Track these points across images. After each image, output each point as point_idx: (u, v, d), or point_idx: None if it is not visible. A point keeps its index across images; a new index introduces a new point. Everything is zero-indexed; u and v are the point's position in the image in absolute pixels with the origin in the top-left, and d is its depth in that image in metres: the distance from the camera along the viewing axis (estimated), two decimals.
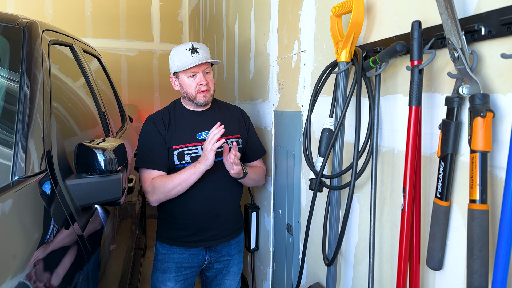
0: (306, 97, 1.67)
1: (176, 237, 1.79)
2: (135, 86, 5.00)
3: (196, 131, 1.78)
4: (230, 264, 1.93)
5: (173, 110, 1.82)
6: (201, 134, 1.78)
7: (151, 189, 1.68)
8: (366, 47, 1.22)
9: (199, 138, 1.77)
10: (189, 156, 1.74)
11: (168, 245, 1.80)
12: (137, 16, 4.93)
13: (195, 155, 1.74)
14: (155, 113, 1.83)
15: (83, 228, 1.22)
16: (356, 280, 1.36)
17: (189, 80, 1.73)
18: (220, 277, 1.93)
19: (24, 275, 0.84)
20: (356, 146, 1.19)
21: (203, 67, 1.73)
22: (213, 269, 1.92)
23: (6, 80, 1.25)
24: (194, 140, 1.76)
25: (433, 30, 0.93)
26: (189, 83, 1.74)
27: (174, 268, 1.79)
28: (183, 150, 1.74)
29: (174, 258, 1.79)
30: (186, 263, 1.80)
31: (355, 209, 1.34)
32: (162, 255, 1.81)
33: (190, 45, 1.73)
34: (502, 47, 0.78)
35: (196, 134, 1.78)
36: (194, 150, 1.75)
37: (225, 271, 1.93)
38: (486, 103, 0.78)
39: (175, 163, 1.73)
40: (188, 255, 1.80)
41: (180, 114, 1.81)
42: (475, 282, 0.77)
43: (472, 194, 0.78)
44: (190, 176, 1.63)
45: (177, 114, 1.81)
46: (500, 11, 0.76)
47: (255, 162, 1.97)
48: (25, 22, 1.44)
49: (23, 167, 1.06)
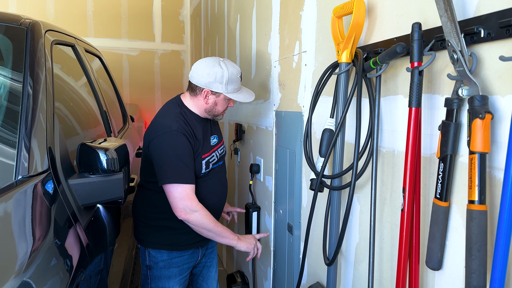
0: (307, 97, 1.68)
1: (179, 243, 1.77)
2: (137, 85, 5.01)
3: (209, 137, 1.83)
4: (212, 255, 2.00)
5: (186, 117, 1.74)
6: (210, 139, 1.84)
7: (197, 210, 1.63)
8: (367, 48, 1.23)
9: (212, 145, 1.84)
10: (211, 164, 1.79)
11: (167, 251, 1.77)
12: (138, 16, 4.94)
13: (214, 161, 1.82)
14: (179, 123, 1.68)
15: (86, 227, 1.23)
16: (357, 280, 1.36)
17: (225, 103, 1.79)
18: (205, 271, 1.99)
19: (27, 274, 0.85)
20: (356, 147, 1.19)
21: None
22: (200, 263, 1.97)
23: (9, 80, 1.26)
24: (211, 146, 1.82)
25: (433, 32, 0.94)
26: (224, 105, 1.80)
27: (178, 272, 1.79)
28: (208, 158, 1.78)
29: (176, 262, 1.78)
30: (186, 263, 1.82)
31: (355, 209, 1.35)
32: (164, 262, 1.77)
33: (239, 71, 1.78)
34: (501, 49, 0.79)
35: (210, 141, 1.84)
36: (213, 157, 1.81)
37: (209, 263, 2.00)
38: (485, 104, 0.79)
39: (202, 171, 1.73)
40: (187, 255, 1.81)
41: (192, 122, 1.75)
42: (474, 282, 0.78)
43: (471, 195, 0.79)
44: (223, 239, 1.72)
45: (190, 122, 1.74)
46: (499, 13, 0.77)
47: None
48: (28, 22, 1.45)
49: (26, 167, 1.07)
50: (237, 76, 1.75)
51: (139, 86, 5.02)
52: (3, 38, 1.39)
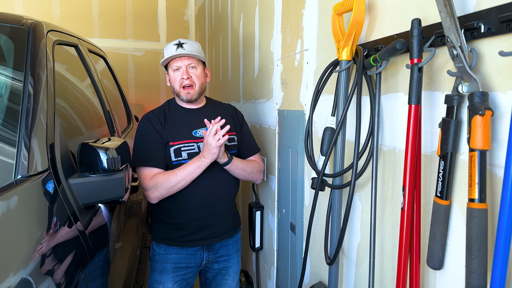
0: (309, 96, 1.67)
1: (174, 237, 1.78)
2: (142, 85, 5.03)
3: (192, 128, 1.80)
4: (229, 264, 1.92)
5: (168, 108, 1.85)
6: (197, 131, 1.80)
7: (152, 186, 1.68)
8: (368, 46, 1.22)
9: (195, 136, 1.79)
10: (186, 153, 1.75)
11: (165, 246, 1.80)
12: (143, 16, 4.96)
13: (192, 151, 1.76)
14: (150, 111, 1.84)
15: (86, 227, 1.23)
16: (358, 279, 1.35)
17: (174, 75, 1.79)
18: (220, 277, 1.93)
19: (26, 273, 0.85)
20: (356, 146, 1.18)
21: (186, 62, 1.77)
22: (212, 269, 1.91)
23: (10, 79, 1.27)
24: (191, 137, 1.78)
25: (433, 28, 0.93)
26: (174, 77, 1.79)
27: (172, 269, 1.79)
28: (180, 146, 1.75)
29: (171, 258, 1.79)
30: (183, 263, 1.80)
31: (357, 208, 1.34)
32: (159, 255, 1.81)
33: (178, 40, 1.78)
34: (501, 44, 0.77)
35: (192, 131, 1.80)
36: (190, 146, 1.77)
37: (224, 271, 1.92)
38: (485, 101, 0.77)
39: (172, 159, 1.74)
40: (185, 254, 1.80)
41: (175, 112, 1.83)
42: (474, 282, 0.77)
43: (471, 193, 0.78)
44: (194, 170, 1.66)
45: (172, 112, 1.83)
46: (499, 8, 0.76)
47: (251, 158, 1.96)
48: (30, 23, 1.46)
49: (26, 166, 1.08)
50: (172, 44, 1.78)
51: (145, 86, 5.04)
52: (5, 38, 1.40)
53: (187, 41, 1.77)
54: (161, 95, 5.13)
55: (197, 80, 1.78)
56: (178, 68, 1.77)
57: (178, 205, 1.75)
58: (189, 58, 1.77)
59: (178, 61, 1.76)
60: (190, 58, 1.77)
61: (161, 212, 1.81)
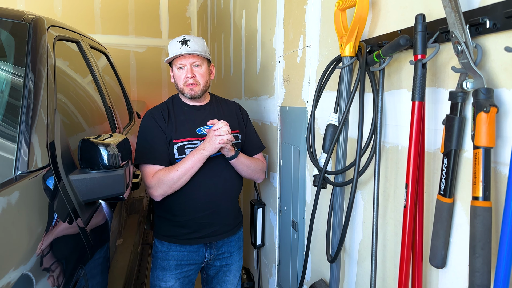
0: (311, 92, 1.65)
1: (176, 235, 1.78)
2: (144, 82, 5.02)
3: (196, 126, 1.79)
4: (230, 261, 1.92)
5: (172, 105, 1.83)
6: (201, 129, 1.78)
7: (155, 183, 1.67)
8: (371, 42, 1.20)
9: (199, 133, 1.78)
10: (189, 150, 1.74)
11: (167, 243, 1.80)
12: (145, 13, 4.94)
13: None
14: (154, 108, 1.82)
15: (87, 223, 1.23)
16: (360, 277, 1.34)
17: (179, 72, 1.77)
18: (221, 274, 1.93)
19: (26, 269, 0.85)
20: (359, 143, 1.17)
21: (191, 60, 1.75)
22: (214, 266, 1.91)
23: (11, 75, 1.26)
24: (194, 134, 1.77)
25: (438, 24, 0.91)
26: (178, 75, 1.78)
27: (174, 266, 1.79)
28: (183, 144, 1.74)
29: (173, 255, 1.79)
30: (186, 260, 1.80)
31: (359, 205, 1.33)
32: (162, 253, 1.80)
33: (183, 37, 1.76)
34: (507, 40, 0.76)
35: (196, 129, 1.78)
36: (194, 144, 1.75)
37: (226, 268, 1.92)
38: (490, 98, 0.76)
39: (175, 157, 1.73)
40: (187, 252, 1.80)
41: (179, 109, 1.82)
42: (477, 281, 0.76)
43: (475, 191, 0.77)
44: (194, 164, 1.65)
45: (176, 109, 1.82)
46: (505, 3, 0.74)
47: (255, 156, 1.95)
48: (31, 18, 1.45)
49: (26, 162, 1.07)
50: (176, 41, 1.76)
51: (146, 82, 5.03)
52: (6, 34, 1.39)
53: (192, 38, 1.75)
54: (163, 91, 5.12)
55: (201, 79, 1.77)
56: (182, 66, 1.76)
57: (181, 203, 1.74)
58: (194, 56, 1.75)
59: (183, 59, 1.75)
60: (194, 56, 1.75)
61: (163, 209, 1.80)
